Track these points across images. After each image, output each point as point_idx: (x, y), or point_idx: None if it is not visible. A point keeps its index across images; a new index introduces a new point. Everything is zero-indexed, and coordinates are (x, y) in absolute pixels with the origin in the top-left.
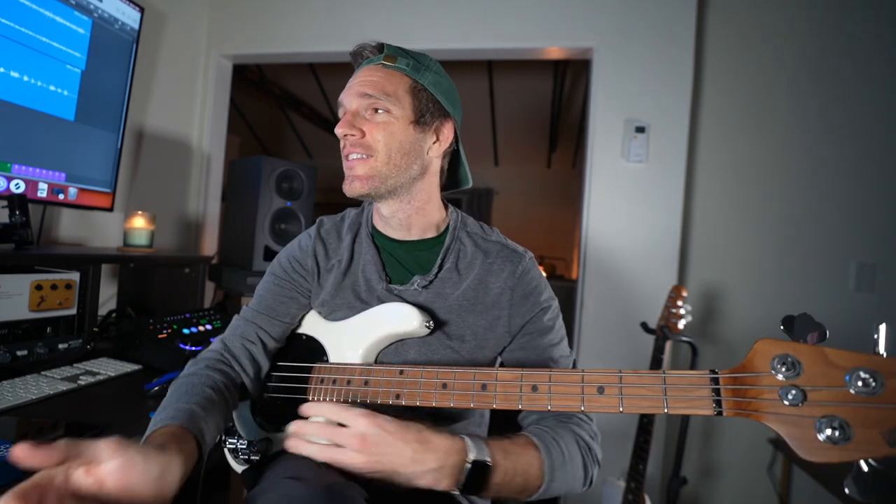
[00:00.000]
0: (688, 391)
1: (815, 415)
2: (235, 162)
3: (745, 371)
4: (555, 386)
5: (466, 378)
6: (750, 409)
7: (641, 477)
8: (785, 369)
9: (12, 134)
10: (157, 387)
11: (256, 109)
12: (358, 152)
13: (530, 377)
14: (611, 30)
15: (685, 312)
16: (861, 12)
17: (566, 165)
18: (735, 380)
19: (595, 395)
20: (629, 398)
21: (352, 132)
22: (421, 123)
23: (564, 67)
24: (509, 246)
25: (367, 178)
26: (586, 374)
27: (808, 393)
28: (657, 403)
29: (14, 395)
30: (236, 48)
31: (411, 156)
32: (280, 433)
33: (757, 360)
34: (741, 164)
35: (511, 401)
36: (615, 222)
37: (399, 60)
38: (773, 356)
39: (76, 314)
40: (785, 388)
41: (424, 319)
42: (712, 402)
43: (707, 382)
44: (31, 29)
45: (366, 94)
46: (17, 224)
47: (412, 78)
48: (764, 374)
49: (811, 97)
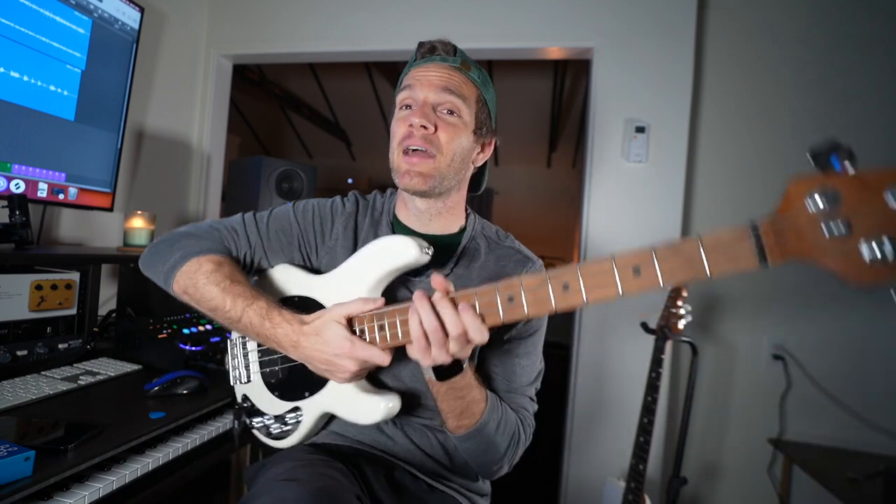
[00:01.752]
0: (728, 249)
1: (865, 239)
2: (235, 162)
3: (783, 214)
4: (586, 279)
5: (489, 295)
6: (795, 250)
7: (641, 477)
8: (824, 203)
9: (12, 134)
10: (157, 387)
11: (256, 109)
12: (424, 147)
13: (557, 277)
14: (611, 30)
15: (685, 312)
16: (862, 11)
17: (566, 165)
18: (774, 226)
19: (632, 278)
20: (668, 272)
21: (429, 124)
22: (478, 135)
23: (564, 67)
24: (523, 252)
25: (429, 177)
26: (617, 258)
27: (853, 220)
28: (698, 270)
29: (14, 395)
30: (236, 48)
31: (466, 162)
32: (304, 399)
33: (793, 202)
34: (741, 164)
35: (544, 304)
36: (615, 222)
37: (472, 70)
38: (807, 193)
39: (76, 314)
40: (827, 221)
41: (422, 246)
42: (756, 253)
43: (747, 235)
44: (31, 29)
45: (448, 90)
46: (17, 224)
47: (480, 90)
48: (803, 213)
49: (812, 97)
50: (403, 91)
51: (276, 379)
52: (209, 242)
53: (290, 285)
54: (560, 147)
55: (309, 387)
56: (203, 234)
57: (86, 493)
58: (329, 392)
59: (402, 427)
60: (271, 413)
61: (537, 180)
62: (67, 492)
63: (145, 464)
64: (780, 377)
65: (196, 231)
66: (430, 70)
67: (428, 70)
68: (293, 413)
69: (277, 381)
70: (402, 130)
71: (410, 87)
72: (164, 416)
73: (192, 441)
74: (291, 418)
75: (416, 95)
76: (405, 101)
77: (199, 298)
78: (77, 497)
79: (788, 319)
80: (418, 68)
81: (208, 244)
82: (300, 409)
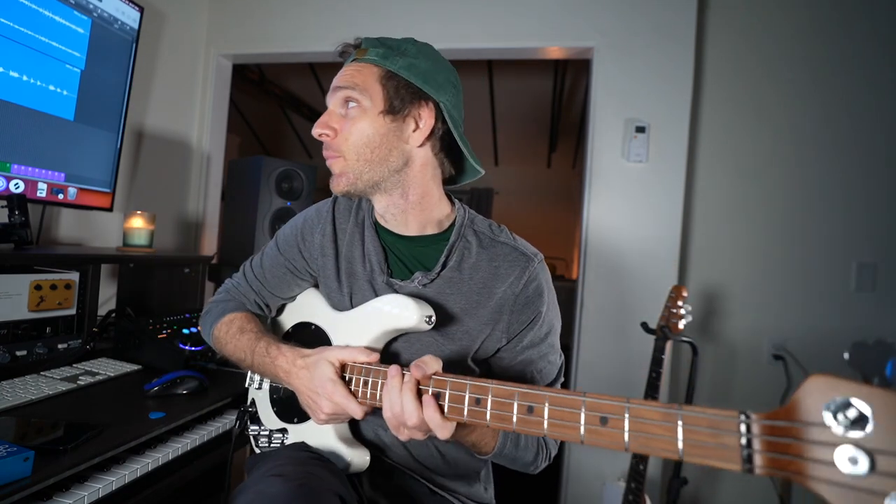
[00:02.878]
0: (710, 436)
1: (887, 490)
2: (235, 162)
3: (789, 418)
4: (551, 409)
5: (460, 389)
6: (792, 469)
7: (641, 477)
8: (846, 421)
9: (12, 134)
10: (157, 387)
11: (256, 109)
12: (330, 154)
13: (525, 396)
14: (611, 29)
15: (685, 312)
16: (863, 11)
17: (566, 165)
18: (774, 429)
19: (597, 426)
20: (637, 435)
21: (325, 131)
22: (392, 112)
23: (564, 67)
24: (518, 248)
25: (342, 176)
26: (588, 400)
27: (878, 458)
28: (670, 446)
29: (14, 395)
30: (236, 48)
31: (384, 147)
32: (293, 424)
33: (807, 403)
34: (741, 164)
35: (505, 420)
36: (615, 222)
37: (370, 52)
38: (829, 400)
39: (76, 314)
40: (844, 448)
41: (424, 314)
42: (741, 454)
43: (735, 428)
44: (30, 29)
45: (339, 88)
46: (17, 224)
47: (380, 66)
48: (816, 426)
49: (812, 97)
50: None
51: (278, 395)
52: (224, 304)
53: (313, 312)
54: (560, 147)
55: (299, 413)
56: (221, 298)
57: (85, 493)
58: (311, 426)
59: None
60: (267, 426)
61: (537, 180)
62: (67, 492)
63: (145, 464)
64: (780, 377)
65: (217, 298)
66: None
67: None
68: (279, 433)
69: (279, 398)
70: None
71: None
72: (164, 417)
73: (192, 441)
74: (277, 437)
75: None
76: None
77: (230, 357)
78: (76, 497)
79: (788, 319)
80: None
81: (222, 307)
82: (287, 432)
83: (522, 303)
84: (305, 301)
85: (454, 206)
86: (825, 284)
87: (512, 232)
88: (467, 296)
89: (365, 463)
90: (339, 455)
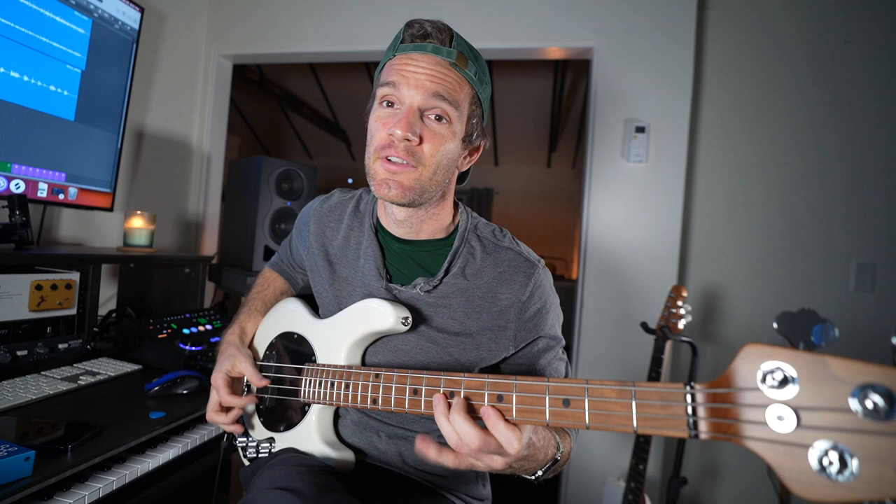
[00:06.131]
0: (660, 408)
1: (810, 442)
2: (235, 162)
3: (727, 385)
4: (519, 396)
5: (435, 385)
6: (731, 432)
7: (641, 477)
8: (775, 383)
9: (12, 134)
10: (157, 387)
11: (256, 109)
12: (406, 160)
13: (496, 386)
14: (611, 30)
15: (685, 312)
16: (862, 11)
17: (566, 165)
18: (715, 396)
19: (560, 409)
20: (596, 413)
21: (413, 136)
22: (466, 142)
23: (564, 67)
24: (522, 254)
25: (409, 189)
26: (552, 385)
27: (802, 414)
28: (626, 421)
29: (14, 395)
30: (236, 48)
31: (451, 171)
32: (280, 433)
33: (743, 370)
34: (741, 164)
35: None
36: (615, 222)
37: (469, 66)
38: (761, 366)
39: (76, 314)
40: (773, 408)
41: (400, 315)
42: (688, 422)
43: (681, 398)
44: (31, 29)
45: (439, 95)
46: (17, 224)
47: (475, 89)
48: (750, 389)
49: (812, 97)
50: (386, 87)
51: (264, 405)
52: (277, 265)
53: (294, 321)
54: (560, 147)
55: (286, 421)
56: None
57: (86, 493)
58: (299, 432)
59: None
60: (254, 436)
61: (537, 180)
62: (67, 492)
63: (145, 464)
64: None
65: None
66: (420, 65)
67: (417, 64)
68: (267, 443)
69: (265, 408)
70: (382, 137)
71: (395, 85)
72: (164, 416)
73: (193, 441)
74: (264, 448)
75: (401, 96)
76: (387, 97)
77: None
78: (77, 497)
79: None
80: (405, 58)
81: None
82: (274, 441)
83: (531, 313)
84: (286, 309)
85: (458, 210)
86: (824, 284)
87: (514, 237)
88: (471, 300)
89: (351, 465)
90: (325, 458)
